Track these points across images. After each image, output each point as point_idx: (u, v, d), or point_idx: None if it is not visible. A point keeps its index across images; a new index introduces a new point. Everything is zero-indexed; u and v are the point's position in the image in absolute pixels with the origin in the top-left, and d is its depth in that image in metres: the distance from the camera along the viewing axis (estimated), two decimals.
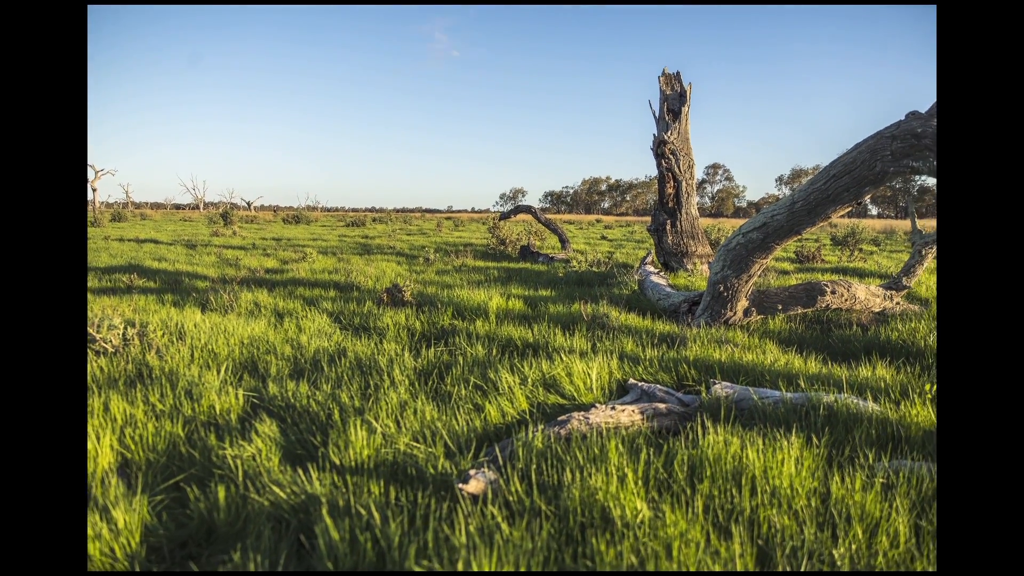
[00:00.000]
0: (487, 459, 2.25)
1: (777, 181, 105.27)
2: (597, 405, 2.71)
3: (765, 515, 1.86)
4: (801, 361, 3.77)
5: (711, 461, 2.13)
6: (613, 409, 2.68)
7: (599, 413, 2.62)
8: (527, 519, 1.86)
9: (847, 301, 5.20)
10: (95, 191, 47.19)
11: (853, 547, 1.73)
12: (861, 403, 2.80)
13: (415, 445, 2.37)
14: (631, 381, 3.21)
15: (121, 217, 33.57)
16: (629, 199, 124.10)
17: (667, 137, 9.07)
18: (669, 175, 9.05)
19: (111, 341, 3.79)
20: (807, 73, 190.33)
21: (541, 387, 3.12)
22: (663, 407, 2.83)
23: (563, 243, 13.47)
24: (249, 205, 73.62)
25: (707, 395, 3.01)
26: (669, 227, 9.08)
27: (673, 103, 9.57)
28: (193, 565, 1.84)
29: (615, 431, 2.47)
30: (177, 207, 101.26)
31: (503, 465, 2.18)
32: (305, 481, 2.11)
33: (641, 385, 3.09)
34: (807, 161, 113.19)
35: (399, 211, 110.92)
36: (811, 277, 8.42)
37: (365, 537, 1.77)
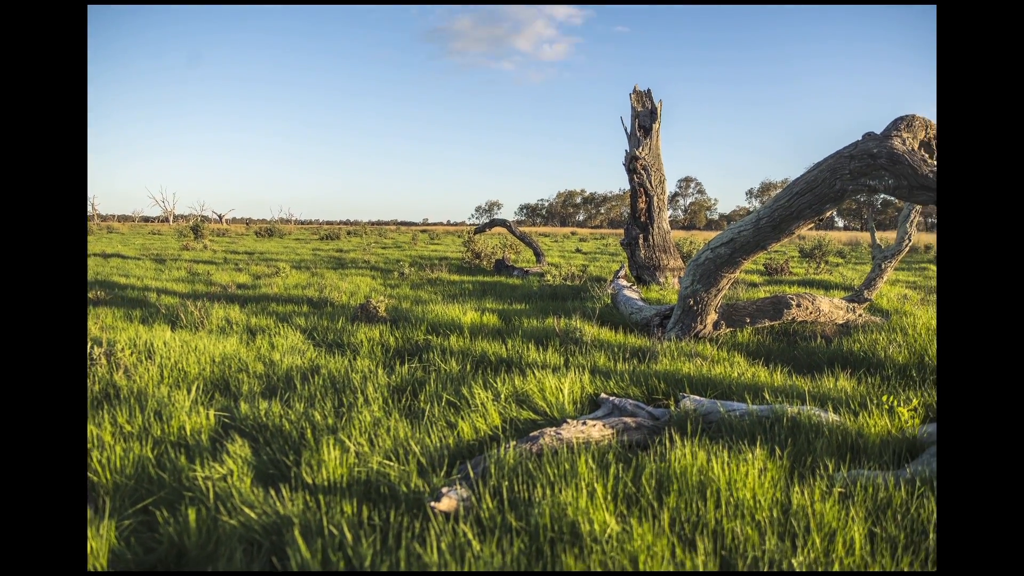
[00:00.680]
0: (459, 476, 2.28)
1: (747, 194, 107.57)
2: (569, 420, 2.76)
3: (729, 526, 1.92)
4: (767, 374, 3.88)
5: (678, 475, 2.19)
6: (584, 424, 2.73)
7: (570, 428, 2.67)
8: (498, 535, 1.89)
9: (812, 314, 5.35)
10: None
11: (811, 555, 1.80)
12: (823, 414, 2.90)
13: (388, 463, 2.39)
14: (603, 395, 3.27)
15: (87, 230, 32.78)
16: (604, 211, 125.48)
17: (639, 153, 9.25)
18: (641, 190, 9.22)
19: None
20: (777, 81, 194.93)
21: (514, 403, 3.16)
22: (633, 421, 2.90)
23: (538, 256, 13.57)
24: (221, 218, 72.58)
25: (676, 409, 3.08)
26: (641, 241, 9.23)
27: (644, 120, 9.78)
28: None
29: (586, 446, 2.52)
30: (146, 220, 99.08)
31: (475, 482, 2.21)
32: (277, 501, 2.12)
33: (613, 399, 3.15)
34: (776, 174, 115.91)
35: (374, 224, 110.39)
36: (779, 289, 8.63)
37: (337, 557, 1.78)
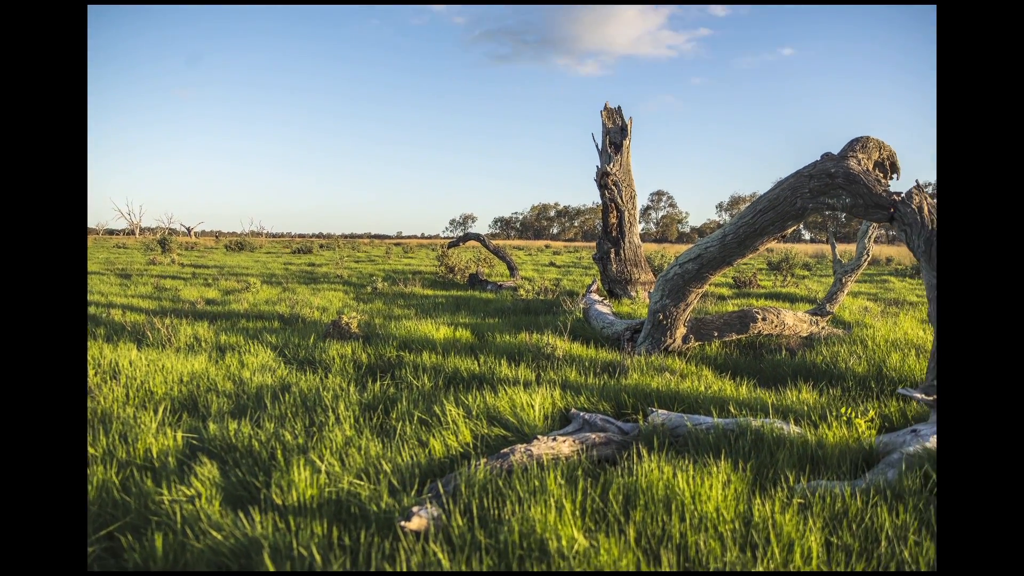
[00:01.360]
0: (430, 495, 2.30)
1: (717, 207, 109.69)
2: (539, 437, 2.79)
3: (693, 539, 1.97)
4: (734, 387, 3.98)
5: (644, 489, 2.24)
6: (554, 440, 2.77)
7: (541, 444, 2.71)
8: (468, 553, 1.92)
9: (777, 327, 5.50)
10: None
11: (771, 565, 1.86)
12: (785, 427, 2.99)
13: (359, 483, 2.39)
14: (573, 411, 3.31)
15: None
16: (578, 224, 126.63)
17: (610, 169, 9.42)
18: (612, 205, 9.37)
19: None
20: (746, 96, 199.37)
21: (485, 419, 3.19)
22: (602, 436, 2.95)
23: (511, 270, 13.64)
24: (189, 231, 71.19)
25: (645, 423, 3.14)
26: (613, 255, 9.36)
27: (615, 136, 9.96)
28: None
29: (555, 462, 2.56)
30: (110, 232, 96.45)
31: (446, 500, 2.23)
32: (246, 524, 2.11)
33: (583, 415, 3.20)
34: (745, 188, 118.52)
35: (347, 237, 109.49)
36: (748, 303, 8.84)
37: None
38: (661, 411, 3.23)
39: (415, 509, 2.08)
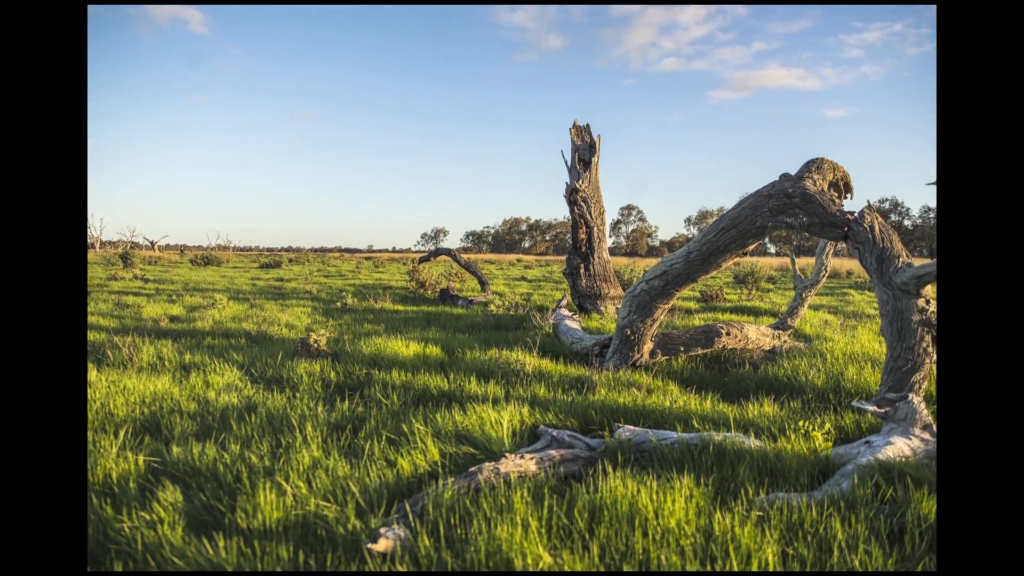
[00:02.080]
0: (398, 515, 2.30)
1: (686, 222, 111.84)
2: (507, 455, 2.82)
3: (655, 554, 2.02)
4: (698, 401, 4.07)
5: (609, 505, 2.29)
6: (522, 458, 2.81)
7: (508, 463, 2.74)
8: (434, 574, 1.93)
9: (741, 341, 5.65)
10: None
11: None
12: (747, 440, 3.08)
13: (326, 505, 2.39)
14: (541, 427, 3.35)
15: None
16: (549, 238, 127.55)
17: (579, 185, 9.56)
18: (581, 221, 9.50)
19: None
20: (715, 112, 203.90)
21: (454, 438, 3.20)
22: (570, 453, 2.99)
23: (483, 285, 13.67)
24: (153, 244, 69.37)
25: (612, 439, 3.20)
26: (583, 271, 9.48)
27: (584, 153, 10.13)
28: None
29: (522, 480, 2.59)
30: None
31: (413, 521, 2.24)
32: (210, 550, 2.08)
33: (551, 432, 3.24)
34: (712, 203, 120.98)
35: (317, 251, 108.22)
36: (714, 316, 9.03)
37: None
38: (628, 427, 3.29)
39: (382, 531, 2.09)
